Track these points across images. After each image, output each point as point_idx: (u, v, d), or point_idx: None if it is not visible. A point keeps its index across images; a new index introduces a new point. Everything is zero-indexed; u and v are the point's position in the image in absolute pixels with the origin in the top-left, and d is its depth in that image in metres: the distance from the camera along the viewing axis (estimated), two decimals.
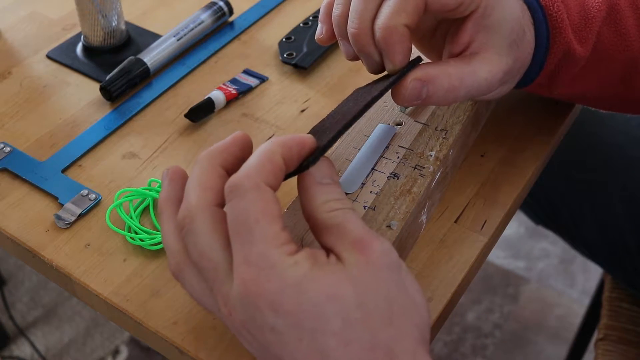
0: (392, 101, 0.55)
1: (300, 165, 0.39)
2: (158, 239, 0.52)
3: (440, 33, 0.52)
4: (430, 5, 0.44)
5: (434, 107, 0.54)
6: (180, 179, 0.41)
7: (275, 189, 0.37)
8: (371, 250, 0.36)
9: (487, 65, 0.47)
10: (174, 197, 0.41)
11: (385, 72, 0.47)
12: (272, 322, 0.35)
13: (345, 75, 0.67)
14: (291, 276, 0.35)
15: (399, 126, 0.53)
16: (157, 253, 0.52)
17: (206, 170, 0.39)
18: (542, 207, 0.85)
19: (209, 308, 0.39)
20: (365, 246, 0.36)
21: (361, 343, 0.34)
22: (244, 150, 0.41)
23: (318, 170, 0.39)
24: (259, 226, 0.35)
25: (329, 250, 0.37)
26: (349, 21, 0.46)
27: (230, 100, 0.64)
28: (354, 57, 0.48)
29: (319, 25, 0.51)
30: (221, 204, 0.38)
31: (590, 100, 0.56)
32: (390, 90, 0.46)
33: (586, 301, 1.31)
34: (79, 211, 0.54)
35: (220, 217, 0.38)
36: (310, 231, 0.40)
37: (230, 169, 0.40)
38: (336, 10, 0.48)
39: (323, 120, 0.46)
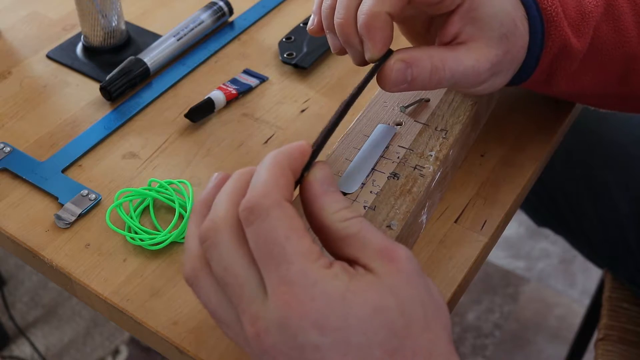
0: (392, 101, 0.55)
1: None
2: (158, 238, 0.52)
3: (434, 29, 0.52)
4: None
5: (434, 107, 0.54)
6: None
7: (291, 203, 0.36)
8: (398, 258, 0.35)
9: (473, 54, 0.47)
10: (210, 201, 0.39)
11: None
12: (316, 341, 0.33)
13: (345, 75, 0.67)
14: (334, 291, 0.34)
15: (399, 126, 0.53)
16: (157, 253, 0.52)
17: (239, 185, 0.38)
18: (545, 205, 0.85)
19: (224, 321, 0.37)
20: (392, 255, 0.35)
21: (405, 350, 0.34)
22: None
23: (321, 178, 0.38)
24: (291, 243, 0.34)
25: (351, 262, 0.36)
26: (335, 12, 0.46)
27: (230, 100, 0.64)
28: (341, 50, 0.49)
29: (312, 16, 0.51)
30: None
31: (590, 98, 0.56)
32: (377, 80, 0.47)
33: (586, 301, 1.31)
34: (79, 211, 0.54)
35: (242, 238, 0.36)
36: (326, 247, 0.38)
37: None
38: (325, 3, 0.48)
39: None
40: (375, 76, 0.46)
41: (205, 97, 0.62)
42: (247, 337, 0.36)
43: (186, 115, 0.62)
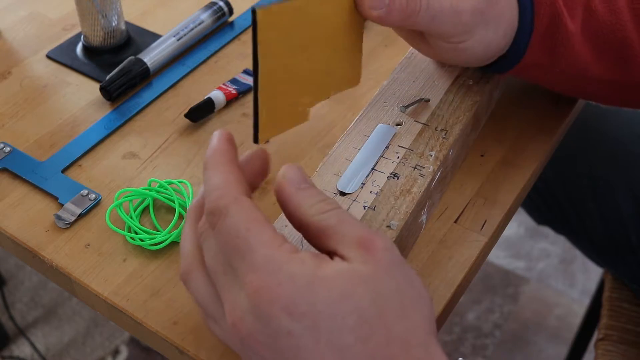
0: (392, 101, 0.55)
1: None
2: (158, 238, 0.52)
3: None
4: None
5: (434, 107, 0.54)
6: None
7: (249, 195, 0.37)
8: (375, 247, 0.36)
9: None
10: (199, 208, 0.41)
11: None
12: (288, 326, 0.34)
13: None
14: (301, 276, 0.34)
15: (398, 126, 0.53)
16: (157, 253, 0.52)
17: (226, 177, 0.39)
18: (546, 201, 0.85)
19: (212, 315, 0.38)
20: (369, 244, 0.36)
21: (378, 337, 0.34)
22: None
23: (291, 177, 0.39)
24: (252, 233, 0.35)
25: (331, 254, 0.37)
26: None
27: (230, 100, 0.64)
28: None
29: None
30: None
31: (592, 85, 0.56)
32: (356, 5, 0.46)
33: (586, 301, 1.31)
34: (79, 211, 0.54)
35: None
36: (309, 241, 0.39)
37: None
38: None
39: None
40: None
41: (205, 97, 0.62)
42: (228, 331, 0.37)
43: (186, 115, 0.62)
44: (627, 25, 0.52)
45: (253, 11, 0.40)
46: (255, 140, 0.42)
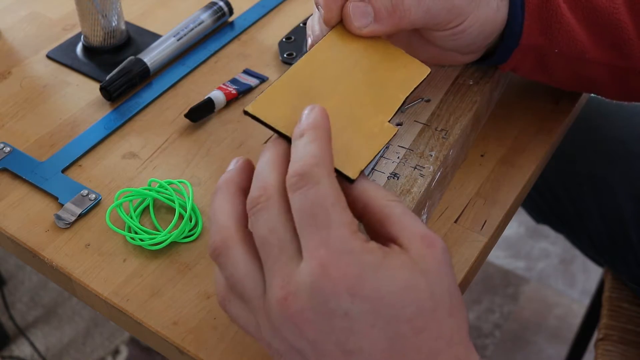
0: None
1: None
2: (158, 238, 0.52)
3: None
4: None
5: (434, 107, 0.54)
6: (249, 171, 0.41)
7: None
8: (437, 246, 0.37)
9: None
10: (239, 182, 0.40)
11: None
12: (347, 308, 0.34)
13: None
14: (369, 263, 0.35)
15: (399, 126, 0.53)
16: (157, 253, 0.52)
17: (278, 155, 0.39)
18: (546, 200, 0.85)
19: (246, 293, 0.37)
20: (432, 242, 0.37)
21: (430, 332, 0.35)
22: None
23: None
24: (336, 210, 0.35)
25: (391, 240, 0.37)
26: None
27: (230, 100, 0.64)
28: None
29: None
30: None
31: (592, 70, 0.55)
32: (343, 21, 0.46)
33: (586, 301, 1.31)
34: (79, 211, 0.54)
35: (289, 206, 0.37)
36: (366, 227, 0.39)
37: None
38: None
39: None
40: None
41: (205, 97, 0.62)
42: (269, 309, 0.36)
43: (186, 115, 0.62)
44: (620, 8, 0.52)
45: (245, 112, 0.40)
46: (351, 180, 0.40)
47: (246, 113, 0.40)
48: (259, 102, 0.41)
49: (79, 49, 0.70)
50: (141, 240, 0.52)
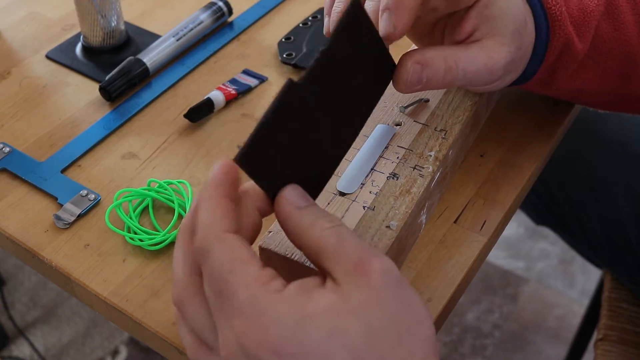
0: (391, 101, 0.55)
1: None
2: (157, 239, 0.51)
3: (438, 29, 0.52)
4: None
5: (433, 107, 0.54)
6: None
7: (235, 231, 0.36)
8: (372, 271, 0.34)
9: (487, 52, 0.47)
10: (190, 226, 0.39)
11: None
12: None
13: None
14: (287, 316, 0.33)
15: (398, 126, 0.53)
16: (157, 253, 0.52)
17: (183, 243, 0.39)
18: (545, 203, 0.85)
19: (208, 342, 0.37)
20: (366, 267, 0.35)
21: None
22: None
23: (291, 197, 0.38)
24: (234, 275, 0.34)
25: (326, 274, 0.36)
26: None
27: (230, 101, 0.64)
28: None
29: (325, 18, 0.50)
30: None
31: (589, 96, 0.56)
32: (393, 83, 0.46)
33: (586, 301, 1.31)
34: (78, 211, 0.54)
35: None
36: (307, 258, 0.38)
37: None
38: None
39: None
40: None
41: (205, 98, 0.62)
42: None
43: (185, 116, 0.62)
44: (632, 40, 0.52)
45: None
46: None
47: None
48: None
49: (78, 49, 0.70)
50: (140, 240, 0.52)
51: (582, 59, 0.52)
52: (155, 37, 0.71)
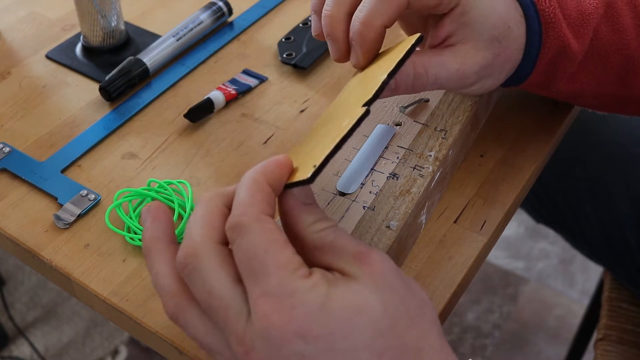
0: (391, 101, 0.55)
1: (293, 184, 0.39)
2: None
3: (430, 26, 0.52)
4: (413, 5, 0.45)
5: (433, 107, 0.54)
6: (164, 217, 0.40)
7: (272, 216, 0.37)
8: (372, 260, 0.36)
9: (459, 57, 0.47)
10: (162, 235, 0.39)
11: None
12: (302, 350, 0.34)
13: (345, 76, 0.67)
14: (314, 300, 0.34)
15: (398, 126, 0.53)
16: None
17: (210, 209, 0.38)
18: (544, 204, 0.85)
19: (215, 349, 0.37)
20: (366, 258, 0.36)
21: (393, 350, 0.34)
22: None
23: (298, 193, 0.39)
24: (270, 256, 0.35)
25: (327, 269, 0.37)
26: (325, 3, 0.47)
27: (230, 101, 0.64)
28: (340, 58, 0.48)
29: (312, 18, 0.51)
30: (225, 242, 0.37)
31: (588, 98, 0.56)
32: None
33: (586, 301, 1.31)
34: (78, 211, 0.54)
35: (226, 253, 0.37)
36: (299, 253, 0.38)
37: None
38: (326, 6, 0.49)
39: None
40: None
41: (205, 97, 0.62)
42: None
43: (185, 116, 0.62)
44: (632, 43, 0.52)
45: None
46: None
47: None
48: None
49: (78, 49, 0.70)
50: (140, 240, 0.52)
51: (580, 61, 0.51)
52: (155, 37, 0.71)
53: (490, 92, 0.57)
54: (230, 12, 0.72)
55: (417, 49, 0.44)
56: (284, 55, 0.68)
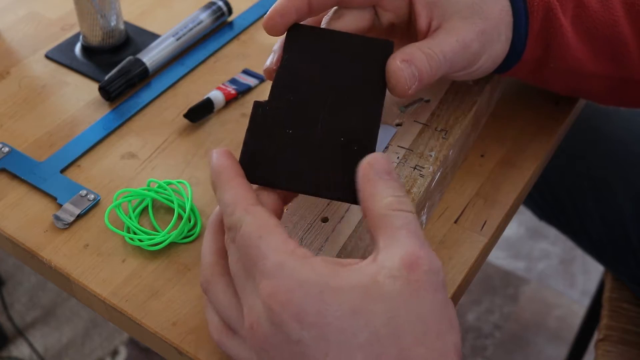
0: (391, 101, 0.55)
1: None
2: (157, 239, 0.51)
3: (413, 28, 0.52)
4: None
5: (433, 107, 0.54)
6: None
7: (258, 204, 0.39)
8: (418, 267, 0.35)
9: (453, 32, 0.48)
10: (219, 220, 0.43)
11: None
12: (299, 335, 0.34)
13: None
14: (312, 283, 0.34)
15: (398, 126, 0.53)
16: (156, 254, 0.52)
17: (212, 234, 0.42)
18: (547, 201, 0.85)
19: (232, 322, 0.39)
20: (413, 261, 0.35)
21: (390, 358, 0.34)
22: None
23: (377, 166, 0.39)
24: (264, 240, 0.36)
25: (374, 243, 0.37)
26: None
27: (230, 100, 0.64)
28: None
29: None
30: None
31: (587, 82, 0.55)
32: (391, 90, 0.46)
33: (586, 302, 1.31)
34: (77, 211, 0.54)
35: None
36: (366, 225, 0.39)
37: None
38: None
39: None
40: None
41: (204, 97, 0.62)
42: (248, 335, 0.37)
43: (185, 116, 0.61)
44: (620, 20, 0.52)
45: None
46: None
47: None
48: None
49: (77, 48, 0.70)
50: (140, 240, 0.52)
51: (570, 34, 0.51)
52: (154, 36, 0.71)
53: (490, 91, 0.57)
54: (230, 11, 0.72)
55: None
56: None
